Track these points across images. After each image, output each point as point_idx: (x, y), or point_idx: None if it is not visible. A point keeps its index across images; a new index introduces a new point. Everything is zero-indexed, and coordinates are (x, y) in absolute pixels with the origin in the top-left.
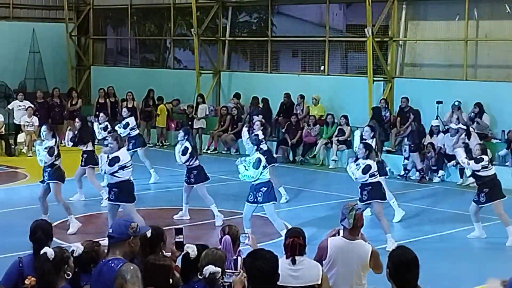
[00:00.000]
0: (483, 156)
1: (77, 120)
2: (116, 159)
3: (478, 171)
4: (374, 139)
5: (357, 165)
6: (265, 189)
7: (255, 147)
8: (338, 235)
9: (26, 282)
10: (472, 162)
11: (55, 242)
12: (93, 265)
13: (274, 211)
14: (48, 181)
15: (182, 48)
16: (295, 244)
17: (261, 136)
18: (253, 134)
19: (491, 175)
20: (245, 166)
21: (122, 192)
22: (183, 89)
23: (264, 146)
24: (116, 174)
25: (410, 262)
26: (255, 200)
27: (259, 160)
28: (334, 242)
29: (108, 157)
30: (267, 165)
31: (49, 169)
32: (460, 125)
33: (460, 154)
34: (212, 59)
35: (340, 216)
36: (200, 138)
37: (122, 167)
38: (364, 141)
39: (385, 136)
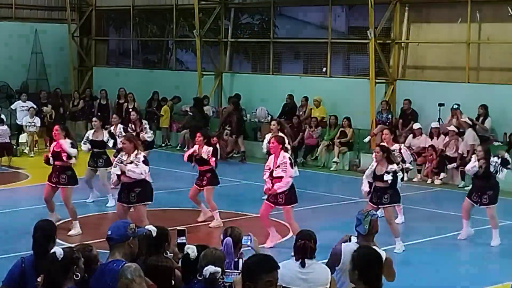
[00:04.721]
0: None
1: (94, 119)
2: (145, 159)
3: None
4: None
5: (387, 173)
6: (288, 191)
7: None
8: (350, 241)
9: (38, 279)
10: (502, 173)
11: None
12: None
13: (292, 214)
14: (64, 186)
15: (184, 50)
16: (306, 247)
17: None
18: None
19: (496, 180)
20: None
21: (146, 191)
22: (185, 91)
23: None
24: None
25: (379, 259)
26: (275, 201)
27: (289, 158)
28: (348, 248)
29: (121, 162)
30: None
31: (68, 172)
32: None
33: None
34: (214, 60)
35: (355, 221)
36: None
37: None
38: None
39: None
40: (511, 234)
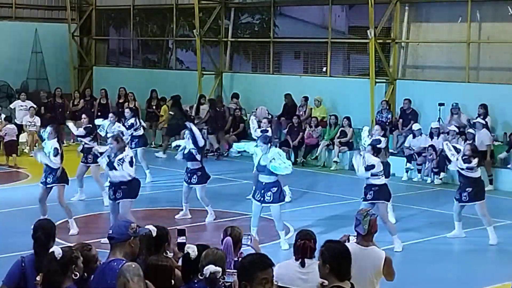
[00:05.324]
0: (471, 159)
1: (84, 116)
2: (131, 159)
3: (463, 169)
4: (385, 138)
5: (363, 158)
6: (275, 189)
7: (268, 144)
8: (349, 241)
9: (37, 278)
10: (460, 158)
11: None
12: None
13: (280, 212)
14: (53, 185)
15: (184, 49)
16: (306, 247)
17: (270, 133)
18: (263, 135)
19: (476, 177)
20: (280, 160)
21: (131, 188)
22: (185, 90)
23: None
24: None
25: (348, 251)
26: (262, 199)
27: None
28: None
29: (109, 157)
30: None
31: (54, 171)
32: (452, 127)
33: (449, 148)
34: (214, 60)
35: (354, 221)
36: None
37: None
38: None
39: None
40: (510, 234)
